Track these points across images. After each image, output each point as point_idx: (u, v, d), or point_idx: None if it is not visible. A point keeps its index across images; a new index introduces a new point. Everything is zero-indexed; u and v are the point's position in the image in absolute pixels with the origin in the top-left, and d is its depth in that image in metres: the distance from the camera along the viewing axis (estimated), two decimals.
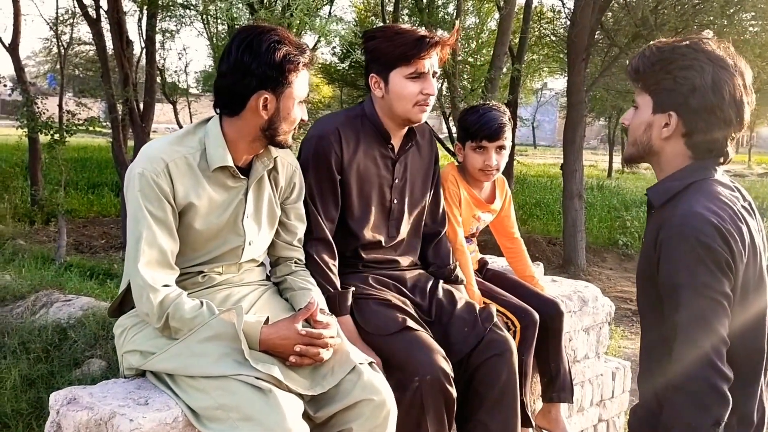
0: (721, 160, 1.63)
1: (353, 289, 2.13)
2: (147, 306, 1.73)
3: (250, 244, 1.94)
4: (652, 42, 1.65)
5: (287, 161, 2.06)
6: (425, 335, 2.05)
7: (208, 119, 1.92)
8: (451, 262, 2.41)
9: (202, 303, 1.77)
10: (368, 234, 2.23)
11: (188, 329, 1.73)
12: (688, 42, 1.59)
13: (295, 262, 2.10)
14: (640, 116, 1.64)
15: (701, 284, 1.44)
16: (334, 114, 2.34)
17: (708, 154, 1.61)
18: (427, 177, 2.38)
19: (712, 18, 8.41)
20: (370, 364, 1.83)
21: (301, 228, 2.10)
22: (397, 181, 2.28)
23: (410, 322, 2.06)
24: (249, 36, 1.80)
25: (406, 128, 2.27)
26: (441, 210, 2.46)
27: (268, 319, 1.78)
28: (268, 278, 2.12)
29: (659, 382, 1.63)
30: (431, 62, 2.13)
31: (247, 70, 1.78)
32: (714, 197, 1.53)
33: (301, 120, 1.91)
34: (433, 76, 2.16)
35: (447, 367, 1.99)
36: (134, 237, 1.74)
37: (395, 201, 2.28)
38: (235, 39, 1.82)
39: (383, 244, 2.27)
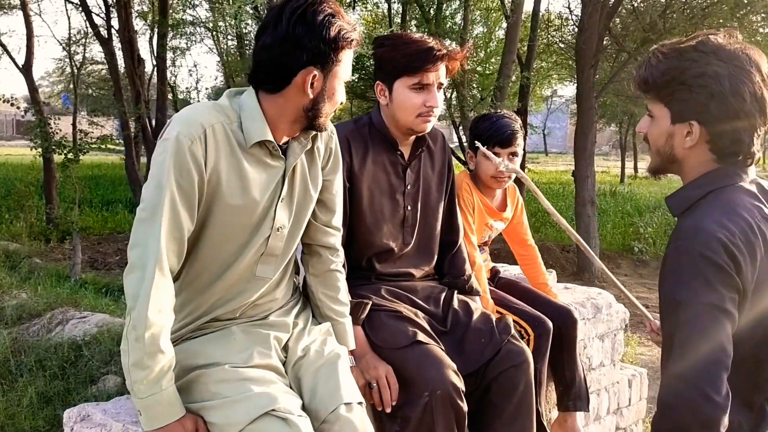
0: (749, 162, 1.54)
1: (370, 303, 2.09)
2: (137, 302, 1.50)
3: (278, 230, 1.75)
4: (655, 47, 1.58)
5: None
6: (436, 349, 2.02)
7: (241, 92, 1.74)
8: (466, 272, 2.38)
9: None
10: (381, 242, 2.21)
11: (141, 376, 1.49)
12: (695, 43, 1.51)
13: (334, 254, 1.93)
14: (659, 127, 1.57)
15: (704, 303, 1.37)
16: (343, 123, 2.33)
17: (734, 158, 1.53)
18: (441, 182, 2.36)
19: (721, 20, 8.36)
20: (359, 404, 1.70)
21: (339, 206, 1.93)
22: (409, 187, 2.26)
23: (421, 336, 2.03)
24: (301, 6, 1.62)
25: (414, 136, 2.27)
26: (456, 218, 2.42)
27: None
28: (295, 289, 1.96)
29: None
30: (437, 74, 2.10)
31: (299, 42, 1.60)
32: (729, 209, 1.46)
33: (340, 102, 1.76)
34: (439, 88, 2.14)
35: (458, 381, 1.96)
36: (152, 204, 1.55)
37: (409, 207, 2.26)
38: (285, 8, 1.62)
39: (397, 251, 2.24)
